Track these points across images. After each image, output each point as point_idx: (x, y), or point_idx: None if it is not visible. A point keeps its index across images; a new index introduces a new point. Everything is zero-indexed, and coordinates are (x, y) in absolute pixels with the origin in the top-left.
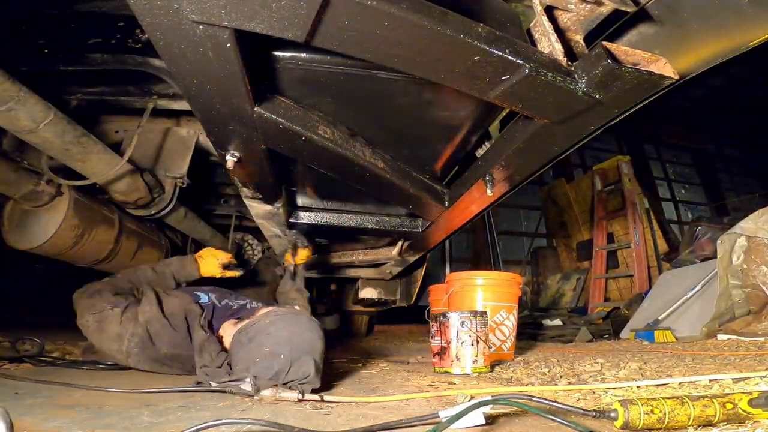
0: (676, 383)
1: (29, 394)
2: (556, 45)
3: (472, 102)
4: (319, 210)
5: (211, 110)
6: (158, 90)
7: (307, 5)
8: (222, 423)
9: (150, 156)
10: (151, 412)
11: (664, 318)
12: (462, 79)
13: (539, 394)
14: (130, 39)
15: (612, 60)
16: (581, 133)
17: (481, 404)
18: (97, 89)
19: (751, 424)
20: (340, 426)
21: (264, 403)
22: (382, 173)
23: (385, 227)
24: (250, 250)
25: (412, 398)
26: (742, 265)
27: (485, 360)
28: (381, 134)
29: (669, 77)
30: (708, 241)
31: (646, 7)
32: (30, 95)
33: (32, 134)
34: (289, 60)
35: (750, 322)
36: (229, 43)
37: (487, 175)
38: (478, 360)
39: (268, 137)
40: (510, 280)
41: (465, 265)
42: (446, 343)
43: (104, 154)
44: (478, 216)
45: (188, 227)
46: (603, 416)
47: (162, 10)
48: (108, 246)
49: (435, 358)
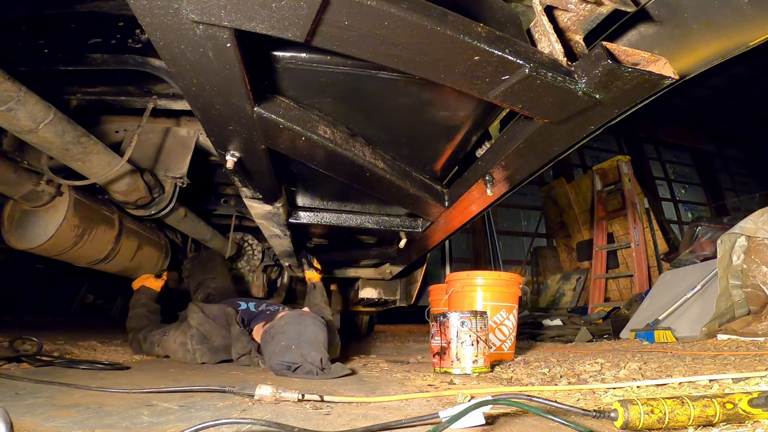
0: (676, 383)
1: (29, 394)
2: (556, 45)
3: (472, 102)
4: (319, 210)
5: (211, 110)
6: (158, 90)
7: (307, 5)
8: (222, 423)
9: (150, 156)
10: (151, 412)
11: (664, 318)
12: (462, 79)
13: (539, 394)
14: (130, 39)
15: (612, 60)
16: (581, 133)
17: (481, 404)
18: (97, 89)
19: (751, 424)
20: (340, 426)
21: (264, 403)
22: (382, 173)
23: (385, 227)
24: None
25: (412, 398)
26: (742, 265)
27: (485, 360)
28: (381, 134)
29: (669, 77)
30: (708, 241)
31: (646, 7)
32: (30, 95)
33: (32, 134)
34: (289, 60)
35: (750, 322)
36: (229, 43)
37: (487, 175)
38: (478, 360)
39: (268, 137)
40: (510, 280)
41: (465, 265)
42: (446, 343)
43: (104, 154)
44: (478, 216)
45: (188, 227)
46: (603, 416)
47: (162, 10)
48: (108, 246)
49: (435, 358)
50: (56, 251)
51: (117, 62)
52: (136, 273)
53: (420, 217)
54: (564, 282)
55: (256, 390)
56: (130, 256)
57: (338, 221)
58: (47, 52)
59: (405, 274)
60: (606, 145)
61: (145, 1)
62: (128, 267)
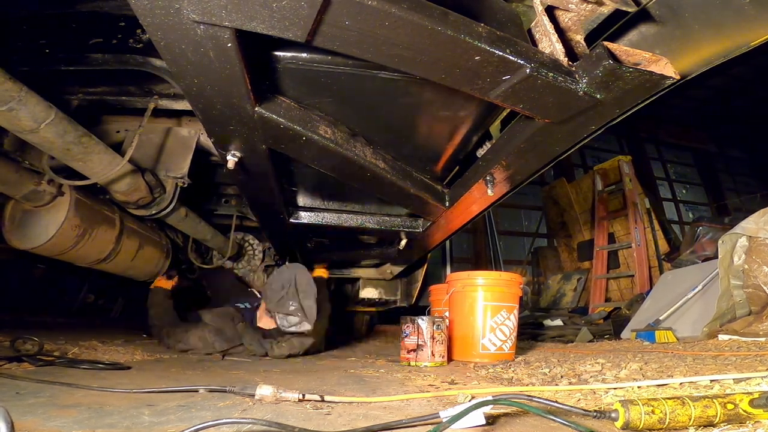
0: (677, 383)
1: (30, 393)
2: (557, 45)
3: (473, 102)
4: (320, 210)
5: (212, 110)
6: (159, 90)
7: (307, 5)
8: (222, 423)
9: (151, 156)
10: (152, 411)
11: (665, 318)
12: (463, 79)
13: (540, 394)
14: (132, 39)
15: (613, 60)
16: (582, 133)
17: (481, 404)
18: (98, 89)
19: (752, 424)
20: (341, 426)
21: (264, 403)
22: (383, 173)
23: (386, 227)
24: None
25: (413, 398)
26: (744, 266)
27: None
28: (382, 134)
29: (670, 77)
30: (709, 241)
31: (647, 8)
32: (31, 95)
33: (33, 134)
34: (290, 60)
35: (751, 323)
36: (230, 44)
37: (487, 175)
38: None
39: (269, 137)
40: (511, 280)
41: (466, 265)
42: (422, 342)
43: (105, 154)
44: (478, 216)
45: (189, 227)
46: (604, 416)
47: (163, 10)
48: (109, 246)
49: (410, 354)
50: (57, 251)
51: (118, 62)
52: (137, 273)
53: (421, 217)
54: (565, 282)
55: (257, 390)
56: (131, 256)
57: (339, 221)
58: (48, 52)
59: (406, 274)
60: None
61: (146, 2)
62: (129, 267)
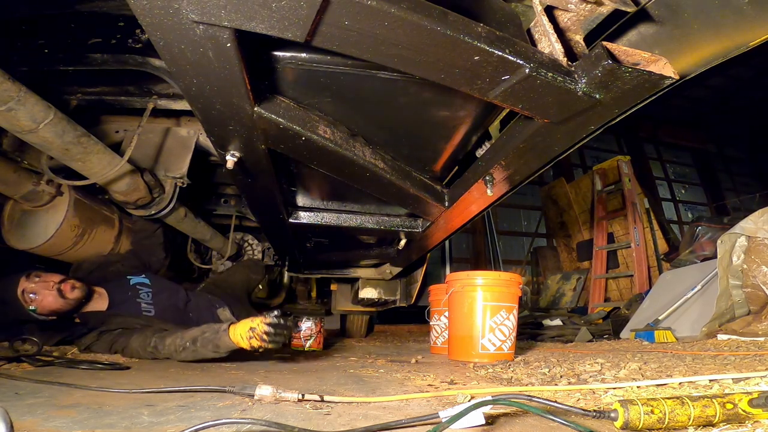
0: (676, 383)
1: (29, 393)
2: (556, 45)
3: (472, 102)
4: (319, 210)
5: (211, 110)
6: (158, 90)
7: (307, 5)
8: (222, 423)
9: (150, 156)
10: (151, 411)
11: (664, 318)
12: (462, 79)
13: (539, 394)
14: (131, 39)
15: (612, 60)
16: (581, 133)
17: (481, 404)
18: (97, 89)
19: (751, 424)
20: (340, 426)
21: (264, 403)
22: (382, 173)
23: (385, 227)
24: (250, 249)
25: (413, 398)
26: (743, 265)
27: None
28: (381, 134)
29: (669, 77)
30: (708, 241)
31: (647, 7)
32: (30, 95)
33: (32, 134)
34: (289, 60)
35: (750, 322)
36: (229, 43)
37: (487, 175)
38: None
39: (269, 137)
40: (510, 280)
41: (465, 265)
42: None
43: (104, 154)
44: (478, 216)
45: (188, 227)
46: (603, 416)
47: (162, 10)
48: (108, 246)
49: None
50: (56, 251)
51: (117, 62)
52: None
53: (420, 217)
54: (564, 282)
55: (256, 390)
56: None
57: (338, 221)
58: (47, 52)
59: (405, 274)
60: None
61: (145, 1)
62: None
